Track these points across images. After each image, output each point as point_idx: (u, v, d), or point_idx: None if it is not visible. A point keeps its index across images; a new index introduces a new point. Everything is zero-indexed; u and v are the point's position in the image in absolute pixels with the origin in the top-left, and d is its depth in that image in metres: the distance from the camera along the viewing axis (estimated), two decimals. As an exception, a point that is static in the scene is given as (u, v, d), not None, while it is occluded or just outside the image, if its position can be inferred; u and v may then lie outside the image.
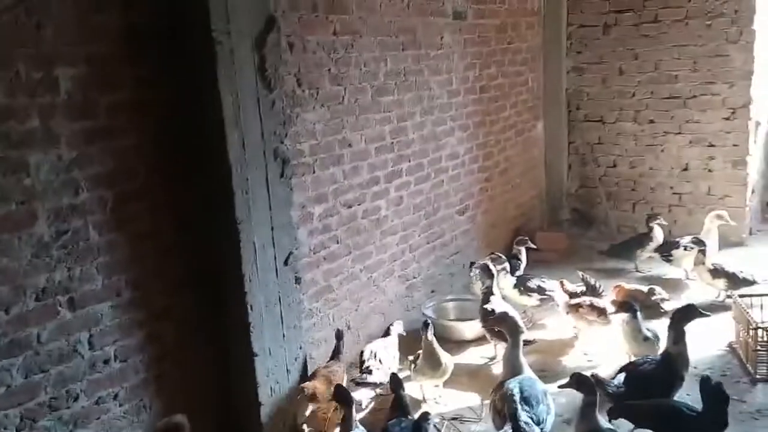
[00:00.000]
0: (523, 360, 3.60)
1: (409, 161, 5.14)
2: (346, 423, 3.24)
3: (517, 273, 5.27)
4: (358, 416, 3.51)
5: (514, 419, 3.07)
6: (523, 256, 5.52)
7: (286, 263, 3.68)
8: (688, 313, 3.73)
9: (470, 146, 5.93)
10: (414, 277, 5.30)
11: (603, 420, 3.21)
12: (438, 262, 5.59)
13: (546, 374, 4.09)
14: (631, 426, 3.42)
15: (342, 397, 3.28)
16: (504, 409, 3.20)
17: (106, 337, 3.06)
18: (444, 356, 3.95)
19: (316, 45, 4.15)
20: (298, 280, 3.81)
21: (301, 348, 3.84)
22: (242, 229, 3.35)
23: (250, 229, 3.40)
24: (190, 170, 3.31)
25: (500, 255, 5.28)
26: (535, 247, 5.67)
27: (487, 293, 4.53)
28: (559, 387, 3.45)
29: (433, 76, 5.31)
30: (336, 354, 4.02)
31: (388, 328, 4.40)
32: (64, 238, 2.85)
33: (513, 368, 3.54)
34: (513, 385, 3.30)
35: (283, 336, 3.68)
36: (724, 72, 6.27)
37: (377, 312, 4.89)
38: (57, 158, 2.79)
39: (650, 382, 3.55)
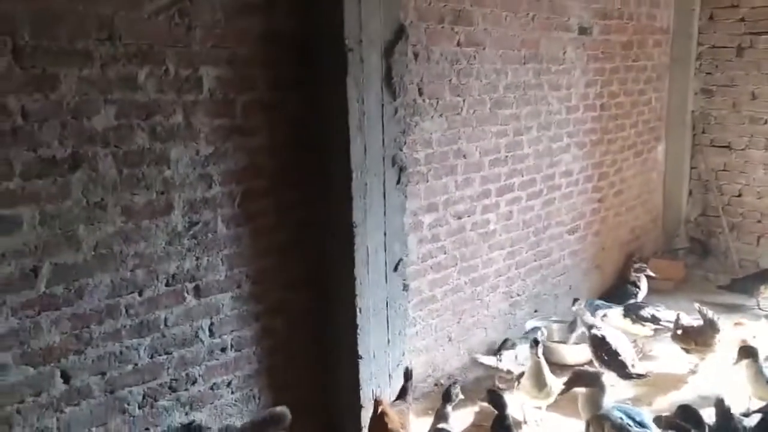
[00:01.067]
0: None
1: (522, 176, 5.06)
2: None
3: (633, 300, 5.08)
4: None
5: None
6: (643, 284, 5.34)
7: (396, 269, 3.71)
8: None
9: (585, 164, 5.75)
10: (518, 295, 5.20)
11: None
12: (544, 281, 5.45)
13: (650, 409, 3.90)
14: None
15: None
16: None
17: (225, 326, 3.21)
18: (550, 377, 3.85)
19: (440, 55, 4.17)
20: (406, 287, 3.83)
21: (404, 354, 3.86)
22: (357, 232, 3.41)
23: (365, 233, 3.46)
24: (314, 172, 3.40)
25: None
26: (654, 275, 5.43)
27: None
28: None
29: (553, 90, 5.20)
30: (403, 394, 3.66)
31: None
32: (195, 228, 3.02)
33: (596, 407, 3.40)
34: (617, 413, 3.18)
35: (388, 341, 3.71)
36: None
37: (479, 326, 4.84)
38: (195, 153, 2.96)
39: None
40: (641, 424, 3.18)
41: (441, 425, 3.39)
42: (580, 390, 3.48)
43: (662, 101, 6.64)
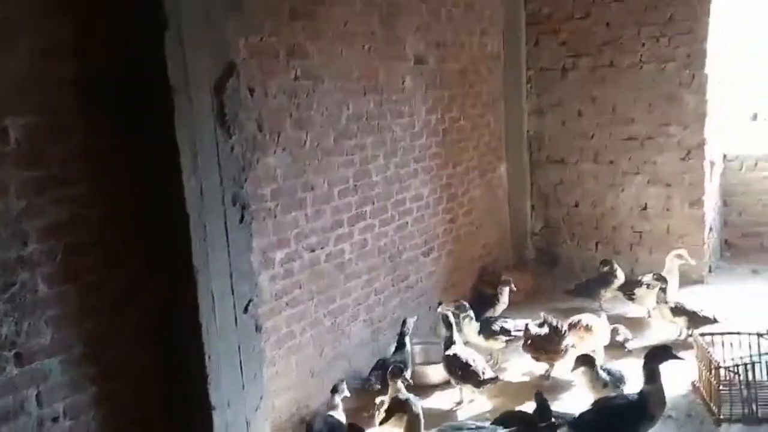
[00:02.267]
0: None
1: (373, 204, 5.14)
2: None
3: (495, 313, 5.41)
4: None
5: None
6: (504, 297, 5.57)
7: (246, 311, 3.59)
8: (662, 354, 3.76)
9: (434, 187, 5.96)
10: (379, 321, 5.24)
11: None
12: (404, 305, 5.54)
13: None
14: None
15: None
16: None
17: (56, 394, 2.93)
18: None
19: (278, 90, 4.15)
20: (258, 328, 3.72)
21: (261, 398, 3.73)
22: (200, 277, 3.27)
23: (208, 277, 3.32)
24: (147, 219, 3.23)
25: (464, 302, 5.27)
26: (515, 289, 5.67)
27: (448, 341, 4.52)
28: None
29: (396, 119, 5.35)
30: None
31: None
32: (12, 290, 2.75)
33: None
34: None
35: (243, 386, 3.57)
36: (678, 114, 6.45)
37: (342, 358, 4.81)
38: (4, 209, 2.70)
39: (618, 417, 3.56)
40: None
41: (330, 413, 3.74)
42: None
43: (500, 123, 7.05)
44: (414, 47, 5.49)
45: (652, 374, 3.64)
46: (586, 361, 4.12)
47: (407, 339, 4.73)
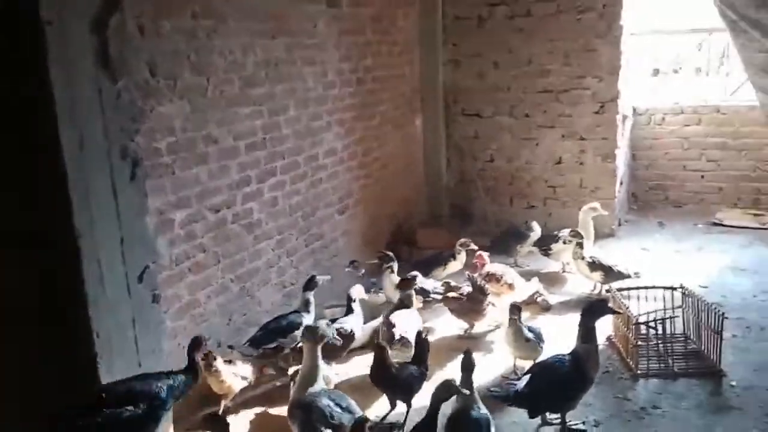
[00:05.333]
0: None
1: (284, 159, 4.76)
2: None
3: (444, 272, 5.28)
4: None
5: None
6: (462, 257, 5.40)
7: (141, 280, 3.20)
8: (599, 309, 3.52)
9: (348, 142, 5.63)
10: (292, 284, 4.92)
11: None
12: (318, 266, 5.24)
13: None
14: None
15: None
16: None
17: None
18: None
19: (172, 30, 3.66)
20: (156, 298, 3.33)
21: (162, 375, 3.37)
22: (83, 244, 2.84)
23: (93, 243, 2.90)
24: (18, 175, 2.75)
25: (387, 253, 5.07)
26: (476, 248, 5.41)
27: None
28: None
29: (308, 66, 4.95)
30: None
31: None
32: None
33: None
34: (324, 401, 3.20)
35: (139, 364, 3.19)
36: (593, 66, 6.39)
37: (252, 324, 4.46)
38: None
39: (557, 383, 3.37)
40: (347, 410, 3.19)
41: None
42: None
43: (415, 74, 6.76)
44: (326, -12, 5.07)
45: (588, 333, 3.41)
46: (516, 311, 3.99)
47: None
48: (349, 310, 4.32)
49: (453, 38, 6.80)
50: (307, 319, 4.22)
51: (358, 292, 4.43)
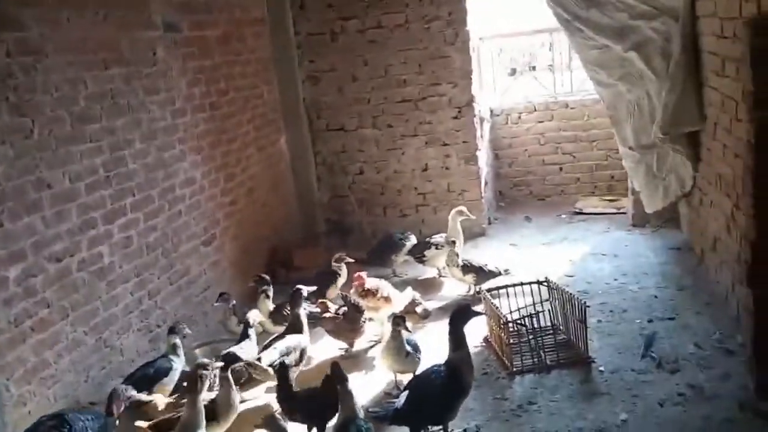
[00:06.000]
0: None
1: (134, 195, 4.47)
2: None
3: (336, 289, 5.23)
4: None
5: None
6: (344, 272, 5.32)
7: (-33, 351, 2.85)
8: (464, 315, 3.54)
9: (208, 169, 5.40)
10: (158, 326, 4.62)
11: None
12: (187, 303, 4.98)
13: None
14: None
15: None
16: None
17: None
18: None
19: (-21, 69, 3.33)
20: (-11, 369, 2.99)
21: (5, 453, 3.03)
22: None
23: None
24: None
25: (263, 276, 4.95)
26: (354, 261, 5.40)
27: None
28: None
29: (151, 96, 4.68)
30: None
31: None
32: None
33: None
34: None
35: (-25, 446, 2.85)
36: (446, 73, 6.54)
37: (115, 376, 4.14)
38: None
39: (435, 396, 3.33)
40: None
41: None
42: None
43: (274, 93, 6.63)
44: (161, 13, 4.82)
45: (458, 340, 3.43)
46: (401, 321, 3.93)
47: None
48: (244, 336, 4.17)
49: (309, 54, 6.73)
50: (177, 364, 4.00)
51: (255, 316, 4.34)
